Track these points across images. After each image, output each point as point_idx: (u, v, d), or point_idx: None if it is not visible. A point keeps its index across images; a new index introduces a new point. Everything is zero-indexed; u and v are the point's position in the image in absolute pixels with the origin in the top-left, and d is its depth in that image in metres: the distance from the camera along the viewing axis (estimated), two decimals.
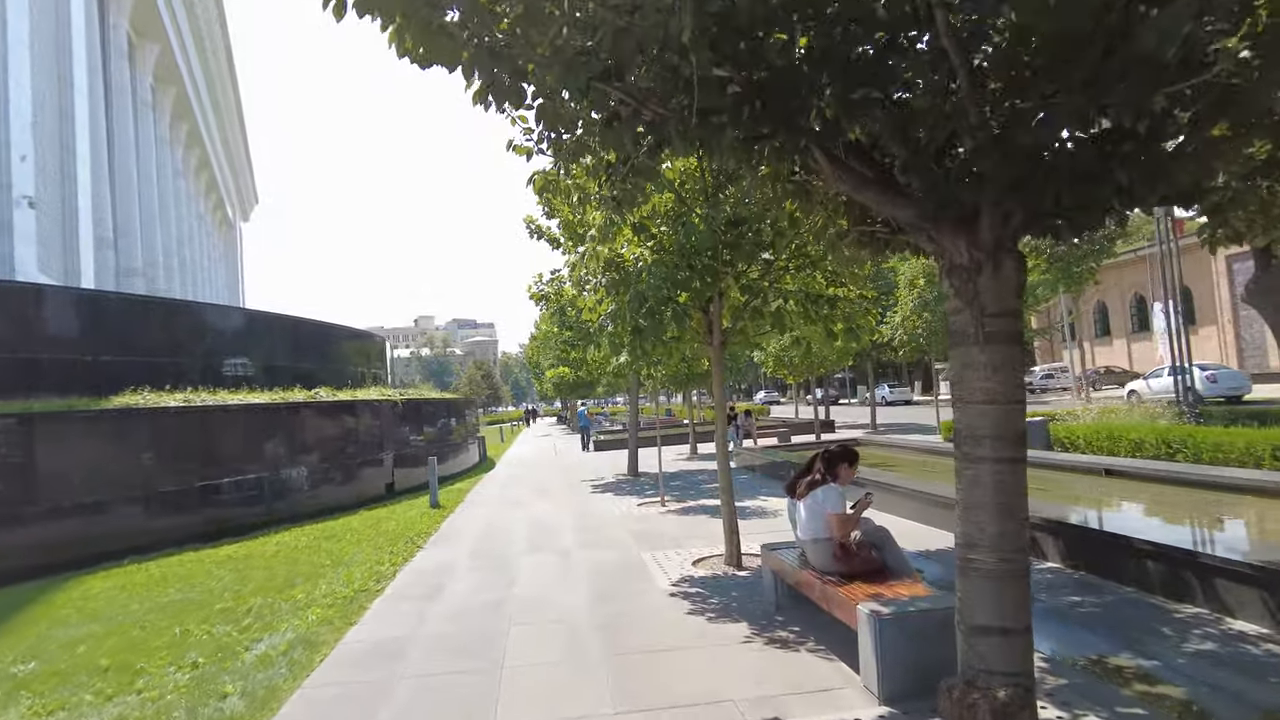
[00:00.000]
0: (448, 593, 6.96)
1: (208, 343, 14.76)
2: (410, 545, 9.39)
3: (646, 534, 9.19)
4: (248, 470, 11.83)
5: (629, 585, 6.76)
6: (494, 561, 8.22)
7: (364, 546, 9.48)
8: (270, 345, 16.93)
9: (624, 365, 12.98)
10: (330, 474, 13.62)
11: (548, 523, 10.66)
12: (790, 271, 7.34)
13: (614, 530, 9.65)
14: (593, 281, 7.21)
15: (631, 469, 16.46)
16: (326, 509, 13.12)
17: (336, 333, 20.34)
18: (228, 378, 14.64)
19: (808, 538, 4.98)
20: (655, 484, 14.41)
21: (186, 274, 43.42)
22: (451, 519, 11.55)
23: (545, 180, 5.72)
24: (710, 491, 12.80)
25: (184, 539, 10.41)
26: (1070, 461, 11.36)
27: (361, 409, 14.87)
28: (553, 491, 14.48)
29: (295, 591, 7.13)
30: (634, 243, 7.25)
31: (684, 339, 7.67)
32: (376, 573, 7.83)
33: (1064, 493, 10.04)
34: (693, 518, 10.23)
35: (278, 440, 12.64)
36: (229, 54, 51.27)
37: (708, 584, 6.63)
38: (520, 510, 12.11)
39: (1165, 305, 41.01)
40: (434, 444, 17.97)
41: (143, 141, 35.76)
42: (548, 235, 16.63)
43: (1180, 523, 7.85)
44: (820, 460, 5.11)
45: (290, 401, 13.12)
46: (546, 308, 16.58)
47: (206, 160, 52.38)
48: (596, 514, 11.15)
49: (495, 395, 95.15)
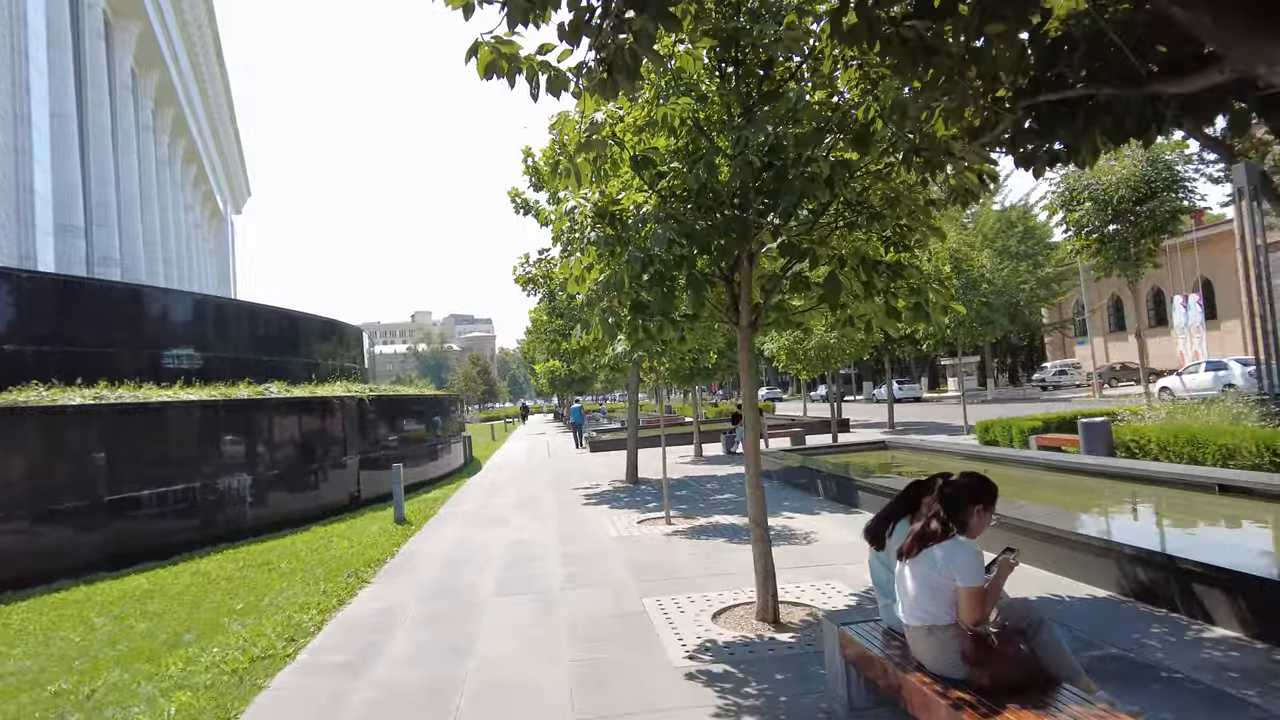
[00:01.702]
0: (380, 663, 5.08)
1: (144, 331, 12.85)
2: (354, 579, 7.50)
3: (650, 567, 7.30)
4: (175, 480, 9.93)
5: (628, 657, 4.87)
6: (452, 609, 6.33)
7: (297, 579, 7.59)
8: (223, 335, 15.02)
9: (621, 357, 11.10)
10: (281, 483, 11.72)
11: (529, 548, 8.78)
12: (840, 229, 5.46)
13: (609, 561, 7.76)
14: (580, 238, 5.31)
15: (631, 474, 14.57)
16: (276, 523, 11.23)
17: (305, 322, 18.42)
18: (168, 371, 12.75)
19: (919, 623, 3.09)
20: (658, 494, 12.53)
21: (171, 266, 41.37)
22: (415, 540, 9.66)
23: (496, 52, 3.57)
24: (723, 505, 10.91)
25: (85, 565, 8.52)
26: (1167, 473, 9.27)
27: (321, 407, 12.97)
28: (540, 503, 12.59)
29: (173, 659, 5.23)
30: (635, 185, 5.36)
31: (701, 318, 5.79)
32: (295, 624, 5.94)
33: (1198, 518, 7.92)
34: (706, 543, 8.35)
35: (216, 444, 10.74)
36: (216, 39, 49.22)
37: (738, 655, 4.75)
38: (499, 530, 10.22)
39: (1185, 299, 39.38)
40: (411, 445, 16.07)
41: (122, 127, 33.74)
42: (535, 210, 14.77)
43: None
44: (939, 498, 3.19)
45: (232, 398, 11.22)
46: (534, 293, 14.74)
47: (194, 150, 50.30)
48: (589, 535, 9.27)
49: (491, 391, 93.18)
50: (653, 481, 14.42)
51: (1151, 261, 17.18)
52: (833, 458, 13.92)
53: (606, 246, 5.26)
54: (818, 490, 11.37)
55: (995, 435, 15.77)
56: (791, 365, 20.21)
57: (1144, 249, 16.44)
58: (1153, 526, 7.78)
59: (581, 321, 5.67)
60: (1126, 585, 5.37)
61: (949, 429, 21.44)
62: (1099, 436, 11.99)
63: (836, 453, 14.94)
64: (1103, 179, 16.08)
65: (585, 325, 5.72)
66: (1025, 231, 40.88)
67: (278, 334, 17.04)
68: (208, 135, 53.75)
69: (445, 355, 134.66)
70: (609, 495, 12.95)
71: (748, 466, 5.57)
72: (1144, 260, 16.75)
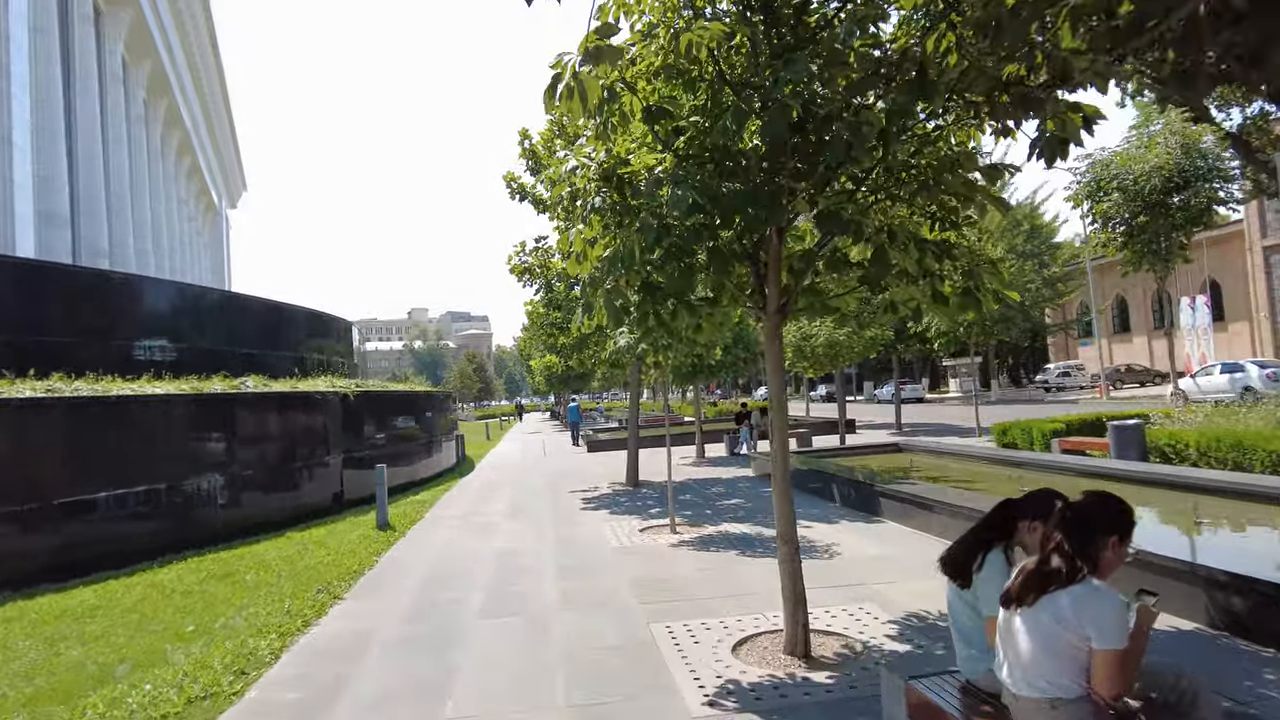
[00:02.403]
0: (342, 704, 4.28)
1: (112, 320, 12.03)
2: (325, 595, 6.71)
3: (657, 585, 6.52)
4: (137, 481, 9.11)
5: (636, 705, 4.08)
6: (432, 634, 5.53)
7: (261, 595, 6.79)
8: (201, 325, 14.20)
9: (623, 351, 10.29)
10: (257, 483, 10.91)
11: (521, 559, 7.99)
12: (881, 201, 4.67)
13: (611, 576, 6.97)
14: (582, 207, 4.52)
15: (631, 477, 13.77)
16: (250, 526, 10.42)
17: (290, 313, 17.59)
18: (139, 363, 11.94)
19: (1038, 694, 2.30)
20: (660, 498, 11.76)
21: (163, 259, 40.42)
22: (397, 548, 8.86)
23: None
24: (731, 512, 10.12)
25: (30, 575, 7.70)
26: (1221, 481, 8.23)
27: (302, 403, 12.16)
28: (535, 507, 11.80)
29: (96, 699, 4.42)
30: (648, 144, 4.56)
31: (721, 303, 5.00)
32: (249, 653, 5.14)
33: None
34: (717, 555, 7.56)
35: (185, 442, 9.93)
36: (211, 30, 48.25)
37: (767, 701, 3.96)
38: (489, 537, 9.43)
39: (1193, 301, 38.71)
40: (399, 444, 15.26)
41: (111, 117, 32.81)
42: (532, 196, 13.96)
43: None
44: (1061, 526, 2.38)
45: (204, 393, 10.40)
46: (531, 284, 13.93)
47: (188, 142, 49.29)
48: (588, 545, 8.48)
49: (487, 389, 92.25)
50: (654, 484, 13.64)
51: (1183, 256, 16.37)
52: (845, 460, 13.14)
53: (614, 216, 4.48)
54: (833, 496, 10.59)
55: (1014, 438, 15.01)
56: (798, 363, 19.44)
57: (1175, 243, 15.64)
58: (1238, 545, 6.89)
59: (584, 305, 4.82)
60: (1218, 617, 4.60)
61: (959, 430, 20.69)
62: (1131, 440, 11.23)
63: (848, 455, 14.15)
64: (1134, 167, 15.27)
65: (589, 309, 4.89)
66: (1031, 230, 40.16)
67: (260, 326, 16.22)
68: (202, 127, 52.76)
69: (441, 352, 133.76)
70: (608, 499, 12.16)
71: (775, 477, 4.78)
72: (1174, 255, 15.96)
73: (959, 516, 7.31)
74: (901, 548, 7.44)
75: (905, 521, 8.54)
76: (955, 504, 7.65)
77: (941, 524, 7.78)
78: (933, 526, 7.95)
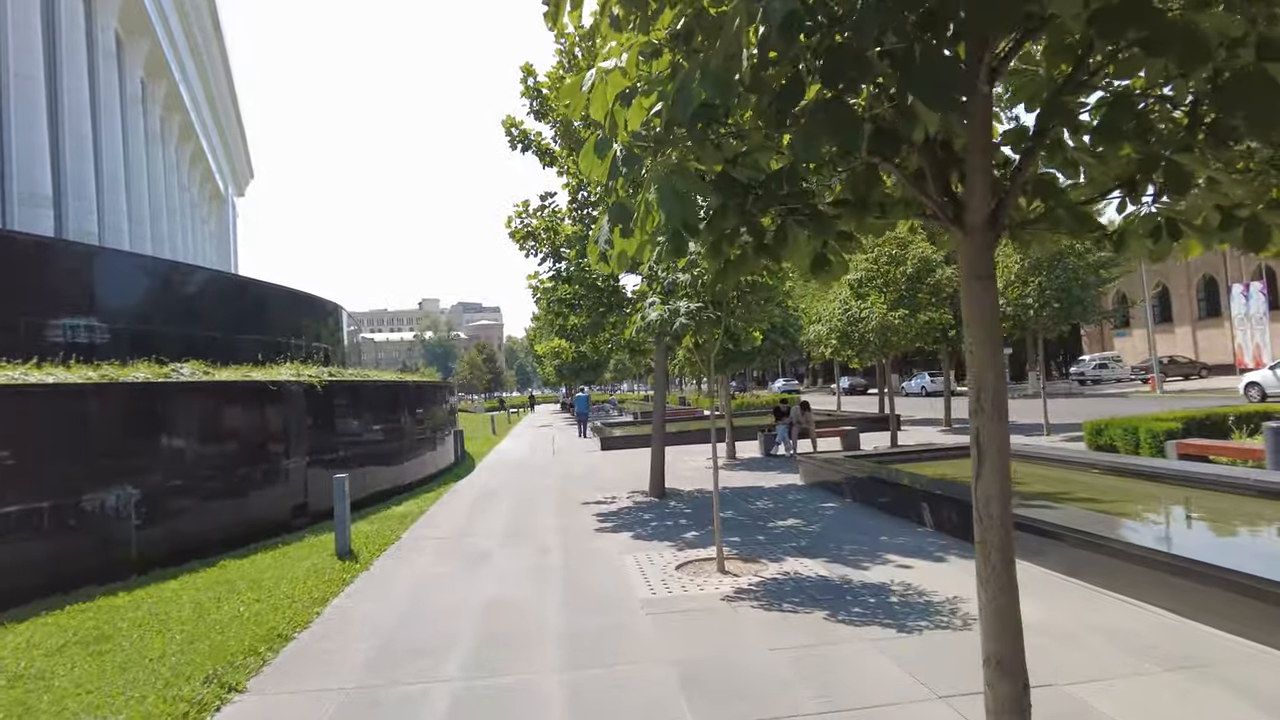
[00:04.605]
0: None
1: (18, 294, 9.83)
2: (215, 686, 4.44)
3: (717, 685, 4.19)
4: (8, 500, 6.88)
5: None
6: None
7: (124, 684, 4.53)
8: (148, 303, 11.99)
9: (654, 327, 7.88)
10: (188, 497, 8.67)
11: (514, 619, 5.68)
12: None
13: (645, 661, 4.66)
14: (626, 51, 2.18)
15: (656, 486, 11.42)
16: (178, 553, 8.20)
17: (263, 293, 15.37)
18: (56, 345, 9.73)
19: None
20: (692, 513, 9.44)
21: (162, 245, 38.30)
22: (351, 593, 6.59)
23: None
24: (791, 538, 7.75)
25: None
26: None
27: (255, 395, 9.92)
28: (539, 527, 9.51)
29: None
30: None
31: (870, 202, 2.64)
32: None
33: None
34: (795, 619, 5.22)
35: (90, 446, 7.71)
36: (214, 11, 46.11)
37: None
38: (476, 576, 7.14)
39: (1246, 288, 35.79)
40: (381, 444, 13.00)
41: (104, 98, 30.66)
42: (537, 145, 11.58)
43: None
44: None
45: (119, 382, 8.18)
46: (535, 252, 11.60)
47: (190, 126, 47.21)
48: (609, 595, 6.17)
49: (497, 380, 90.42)
50: (683, 494, 11.32)
51: None
52: (918, 468, 10.75)
53: (679, 44, 2.16)
54: (919, 517, 8.22)
55: (1112, 439, 12.58)
56: (842, 351, 17.03)
57: None
58: None
59: (612, 214, 2.39)
60: None
61: (1020, 429, 18.19)
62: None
63: (915, 460, 11.75)
64: None
65: (624, 219, 2.49)
66: None
67: (226, 306, 13.99)
68: (205, 111, 50.69)
69: (452, 343, 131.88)
70: (630, 515, 9.84)
71: (986, 554, 2.44)
72: None
73: (1146, 565, 4.96)
74: (1064, 608, 5.08)
75: (1040, 561, 6.18)
76: (1141, 545, 5.30)
77: (1109, 569, 5.45)
78: (1094, 572, 5.61)
